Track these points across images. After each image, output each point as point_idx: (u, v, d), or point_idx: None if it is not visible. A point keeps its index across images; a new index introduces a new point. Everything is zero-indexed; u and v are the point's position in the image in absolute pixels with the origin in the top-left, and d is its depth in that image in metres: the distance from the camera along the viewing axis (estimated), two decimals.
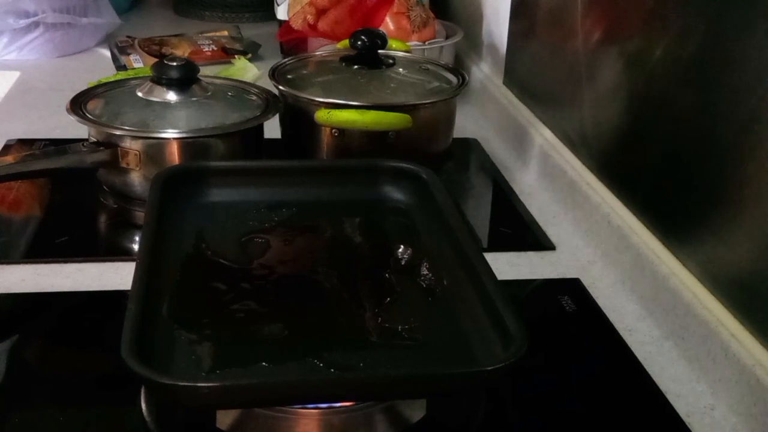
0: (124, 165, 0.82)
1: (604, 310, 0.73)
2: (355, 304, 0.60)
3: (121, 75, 1.26)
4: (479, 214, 0.94)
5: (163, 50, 1.39)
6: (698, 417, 0.60)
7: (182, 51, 1.40)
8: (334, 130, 0.87)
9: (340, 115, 0.86)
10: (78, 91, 0.89)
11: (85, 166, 0.82)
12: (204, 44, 1.43)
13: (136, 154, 0.81)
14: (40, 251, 0.78)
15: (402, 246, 0.69)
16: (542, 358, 0.64)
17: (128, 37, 1.44)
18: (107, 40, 1.47)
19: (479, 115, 1.22)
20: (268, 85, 0.93)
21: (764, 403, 0.57)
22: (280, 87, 0.91)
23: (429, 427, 0.57)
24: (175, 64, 0.85)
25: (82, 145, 0.83)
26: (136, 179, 0.83)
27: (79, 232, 0.83)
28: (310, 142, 0.91)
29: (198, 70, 0.88)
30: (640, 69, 0.78)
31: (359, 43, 0.94)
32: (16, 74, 1.31)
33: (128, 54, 1.38)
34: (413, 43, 1.18)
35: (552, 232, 0.87)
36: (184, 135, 0.82)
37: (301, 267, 0.66)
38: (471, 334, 0.57)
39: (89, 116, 0.83)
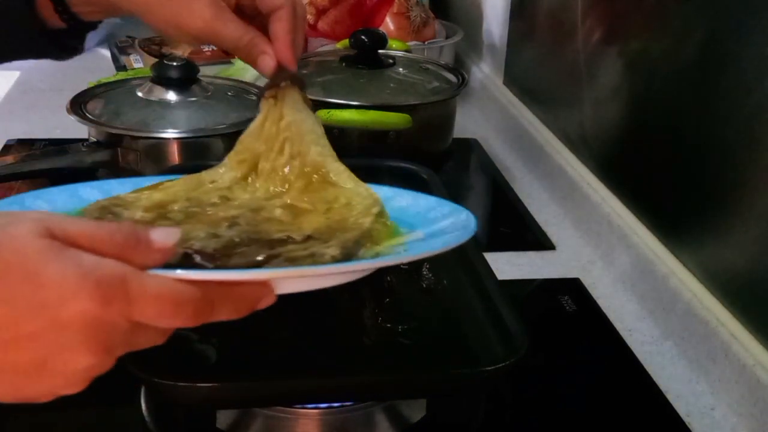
0: (124, 165, 0.82)
1: (604, 310, 0.73)
2: (355, 304, 0.60)
3: (121, 75, 1.26)
4: (479, 214, 0.94)
5: (163, 50, 1.39)
6: (698, 417, 0.60)
7: (182, 51, 1.39)
8: (334, 130, 0.87)
9: (340, 115, 0.86)
10: (78, 91, 0.89)
11: (85, 166, 0.82)
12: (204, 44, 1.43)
13: (136, 154, 0.81)
14: None
15: None
16: (542, 358, 0.64)
17: (128, 37, 1.44)
18: (107, 40, 1.47)
19: (479, 115, 1.22)
20: None
21: (764, 403, 0.57)
22: None
23: (429, 427, 0.57)
24: (175, 64, 0.85)
25: (82, 145, 0.83)
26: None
27: None
28: None
29: (198, 70, 0.88)
30: (640, 69, 0.78)
31: (359, 43, 0.94)
32: (16, 74, 1.31)
33: (128, 54, 1.38)
34: (413, 43, 1.18)
35: (552, 232, 0.87)
36: (184, 135, 0.82)
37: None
38: (471, 334, 0.57)
39: (89, 116, 0.83)
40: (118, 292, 0.32)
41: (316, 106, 0.87)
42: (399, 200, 0.53)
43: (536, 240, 0.85)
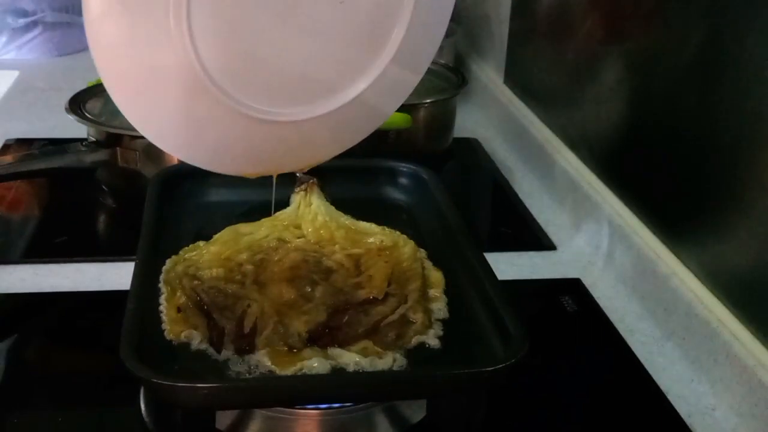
0: (123, 165, 0.82)
1: (605, 311, 0.72)
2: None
3: None
4: (479, 214, 0.94)
5: None
6: (699, 417, 0.60)
7: None
8: None
9: None
10: (77, 91, 0.89)
11: (84, 166, 0.82)
12: None
13: (135, 154, 0.81)
14: (40, 251, 0.78)
15: None
16: (542, 358, 0.64)
17: None
18: None
19: (480, 115, 1.22)
20: None
21: (765, 404, 0.57)
22: None
23: (429, 427, 0.57)
24: None
25: (81, 144, 0.83)
26: (135, 179, 0.82)
27: (78, 232, 0.83)
28: None
29: None
30: (641, 69, 0.78)
31: None
32: (15, 74, 1.31)
33: None
34: None
35: (552, 232, 0.87)
36: None
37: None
38: (471, 334, 0.57)
39: (88, 116, 0.83)
40: None
41: None
42: None
43: (536, 240, 0.85)
